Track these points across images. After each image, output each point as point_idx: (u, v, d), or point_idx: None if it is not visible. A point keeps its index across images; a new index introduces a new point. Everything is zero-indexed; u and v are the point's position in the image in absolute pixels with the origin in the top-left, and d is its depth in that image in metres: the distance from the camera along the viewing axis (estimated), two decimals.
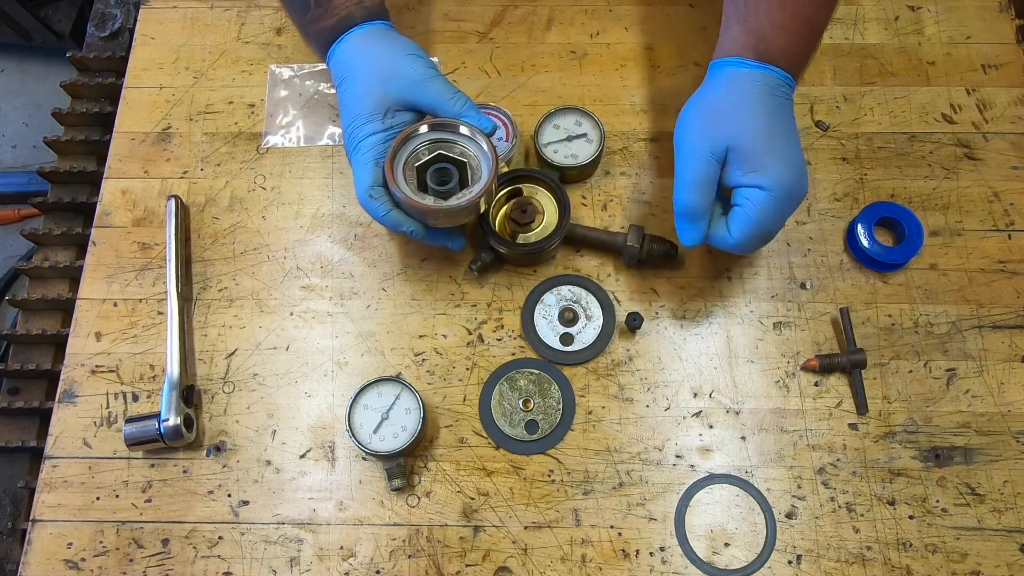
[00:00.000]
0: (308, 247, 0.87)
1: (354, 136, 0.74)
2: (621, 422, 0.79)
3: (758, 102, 0.68)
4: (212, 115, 0.94)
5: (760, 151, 0.67)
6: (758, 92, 0.68)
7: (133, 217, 0.89)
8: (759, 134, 0.68)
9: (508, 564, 0.74)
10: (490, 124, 0.75)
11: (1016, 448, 0.77)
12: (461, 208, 0.72)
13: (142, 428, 0.77)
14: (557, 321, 0.82)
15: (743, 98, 0.69)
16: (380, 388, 0.77)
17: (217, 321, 0.84)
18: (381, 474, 0.77)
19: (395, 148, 0.73)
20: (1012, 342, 0.81)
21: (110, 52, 1.02)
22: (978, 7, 0.96)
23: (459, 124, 0.74)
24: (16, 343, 0.90)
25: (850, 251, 0.85)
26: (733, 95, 0.69)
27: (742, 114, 0.68)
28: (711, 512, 0.76)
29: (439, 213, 0.72)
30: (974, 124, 0.90)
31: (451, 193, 0.74)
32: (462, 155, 0.75)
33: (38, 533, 0.77)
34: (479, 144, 0.74)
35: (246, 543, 0.76)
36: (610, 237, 0.83)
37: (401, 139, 0.73)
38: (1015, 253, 0.85)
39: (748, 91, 0.69)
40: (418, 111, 0.76)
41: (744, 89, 0.69)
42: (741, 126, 0.68)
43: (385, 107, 0.73)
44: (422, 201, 0.72)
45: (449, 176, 0.75)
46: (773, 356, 0.81)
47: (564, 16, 0.98)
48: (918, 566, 0.73)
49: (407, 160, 0.74)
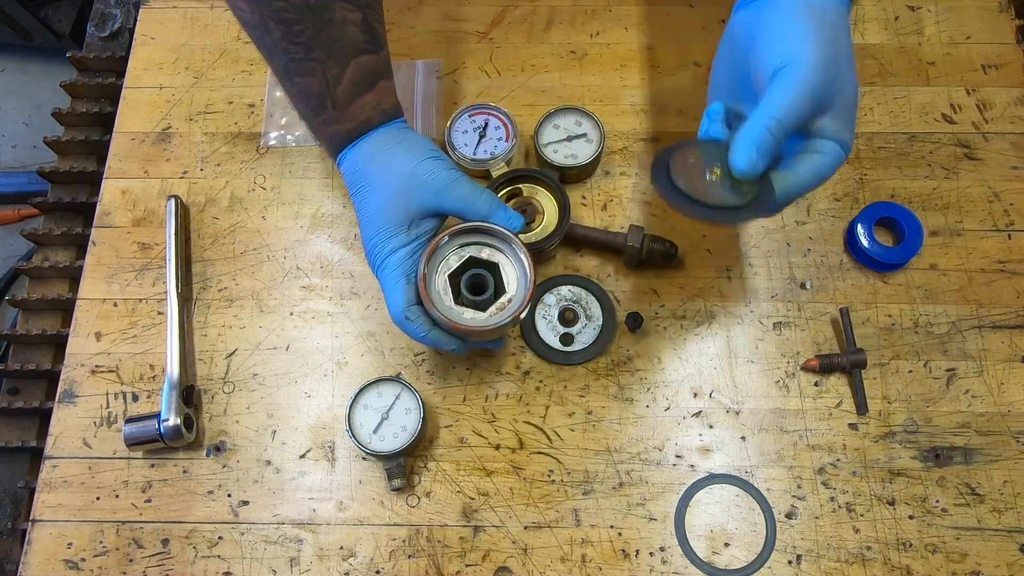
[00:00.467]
0: (308, 247, 0.87)
1: (379, 252, 0.69)
2: (621, 422, 0.79)
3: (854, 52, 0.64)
4: (212, 115, 0.94)
5: (854, 109, 0.64)
6: (851, 36, 0.64)
7: (133, 217, 0.89)
8: (857, 91, 0.64)
9: (508, 564, 0.74)
10: (520, 222, 0.70)
11: (1016, 448, 0.77)
12: (503, 325, 0.68)
13: (142, 428, 0.77)
14: (557, 321, 0.82)
15: (851, 45, 0.64)
16: (380, 388, 0.77)
17: (217, 321, 0.84)
18: (381, 474, 0.77)
19: (426, 264, 0.68)
20: (1012, 342, 0.81)
21: (110, 52, 1.02)
22: (978, 7, 0.96)
23: (487, 226, 0.70)
24: (16, 343, 0.90)
25: (850, 251, 0.85)
26: (847, 39, 0.63)
27: (853, 67, 0.63)
28: (711, 512, 0.76)
29: (482, 333, 0.69)
30: (974, 124, 0.90)
31: (488, 303, 0.69)
32: (492, 256, 0.70)
33: (38, 533, 0.77)
34: (509, 245, 0.70)
35: (246, 543, 0.76)
36: (610, 237, 0.83)
37: (430, 252, 0.68)
38: (1015, 253, 0.85)
39: (850, 36, 0.64)
40: (442, 215, 0.71)
41: (849, 33, 0.64)
42: (853, 80, 0.63)
43: (409, 219, 0.68)
44: (462, 323, 0.68)
45: (484, 284, 0.70)
46: (773, 356, 0.81)
47: (564, 16, 0.98)
48: (918, 566, 0.73)
49: (438, 270, 0.70)
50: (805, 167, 0.63)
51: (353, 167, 0.70)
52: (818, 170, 0.64)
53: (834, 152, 0.63)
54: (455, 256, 0.70)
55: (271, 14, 0.65)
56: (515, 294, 0.69)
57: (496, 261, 0.70)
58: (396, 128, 0.71)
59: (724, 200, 0.61)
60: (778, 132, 0.60)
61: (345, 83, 0.68)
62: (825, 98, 0.61)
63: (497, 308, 0.69)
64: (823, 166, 0.63)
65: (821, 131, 0.63)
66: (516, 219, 0.70)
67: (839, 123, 0.63)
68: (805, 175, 0.63)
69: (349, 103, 0.69)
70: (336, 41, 0.66)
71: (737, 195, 0.61)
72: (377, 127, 0.70)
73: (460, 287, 0.70)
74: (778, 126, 0.59)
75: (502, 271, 0.70)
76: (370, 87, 0.69)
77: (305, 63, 0.67)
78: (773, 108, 0.60)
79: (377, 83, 0.70)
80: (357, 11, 0.67)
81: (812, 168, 0.63)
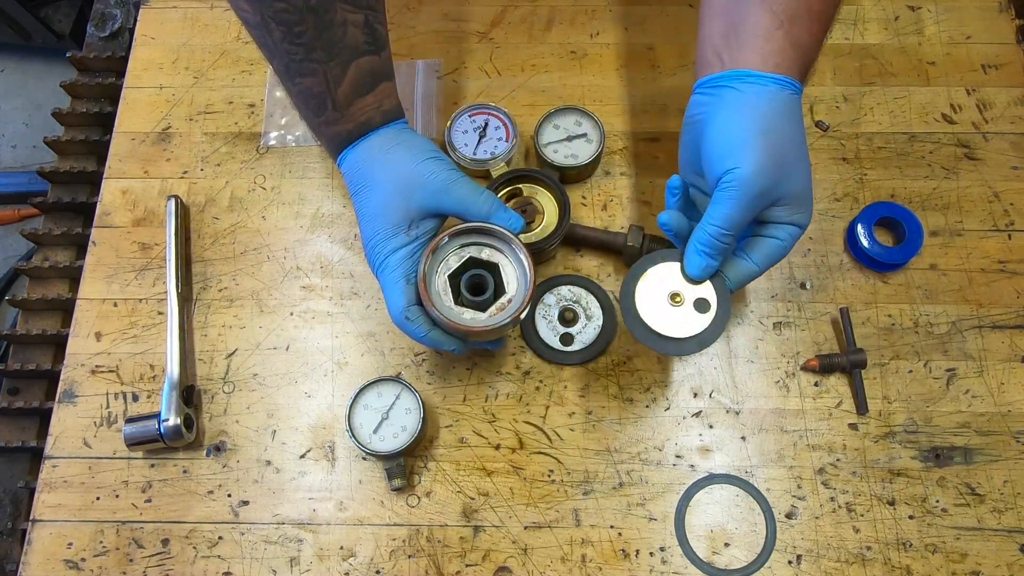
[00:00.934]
0: (308, 247, 0.87)
1: (379, 252, 0.69)
2: (621, 422, 0.79)
3: (805, 138, 0.65)
4: (212, 115, 0.94)
5: (808, 193, 0.65)
6: (802, 123, 0.65)
7: (133, 217, 0.89)
8: (809, 176, 0.65)
9: (508, 564, 0.74)
10: (520, 223, 0.70)
11: (1016, 448, 0.77)
12: (503, 325, 0.68)
13: (142, 428, 0.77)
14: (557, 321, 0.82)
15: (801, 135, 0.65)
16: (380, 388, 0.77)
17: (217, 321, 0.84)
18: (381, 474, 0.77)
19: (426, 265, 0.68)
20: (1012, 342, 0.81)
21: (110, 52, 1.02)
22: (978, 7, 0.96)
23: (487, 227, 0.70)
24: (16, 343, 0.90)
25: (850, 251, 0.85)
26: (794, 132, 0.64)
27: (803, 156, 0.65)
28: (711, 512, 0.76)
29: (481, 333, 0.68)
30: (974, 124, 0.90)
31: (488, 303, 0.70)
32: (492, 256, 0.70)
33: (38, 533, 0.77)
34: (509, 246, 0.70)
35: (246, 543, 0.76)
36: (610, 237, 0.83)
37: (430, 252, 0.68)
38: (1015, 253, 0.85)
39: (800, 124, 0.65)
40: (442, 215, 0.71)
41: (799, 122, 0.65)
42: (802, 171, 0.65)
43: (409, 219, 0.69)
44: (462, 324, 0.68)
45: (484, 284, 0.70)
46: (773, 356, 0.81)
47: (564, 16, 0.98)
48: (918, 566, 0.73)
49: (438, 270, 0.70)
50: (761, 254, 0.67)
51: (353, 167, 0.70)
52: (773, 256, 0.67)
53: (790, 235, 0.66)
54: (455, 256, 0.70)
55: (272, 14, 0.65)
56: (515, 294, 0.69)
57: (496, 261, 0.70)
58: (396, 129, 0.71)
59: (688, 330, 0.65)
60: (723, 239, 0.63)
61: (346, 84, 0.68)
62: (771, 197, 0.63)
63: (497, 308, 0.69)
64: (778, 251, 0.66)
65: (775, 218, 0.66)
66: (516, 220, 0.70)
67: (792, 211, 0.65)
68: (760, 261, 0.67)
69: (350, 104, 0.69)
70: (337, 42, 0.66)
71: (699, 310, 0.66)
72: (378, 128, 0.70)
73: (460, 287, 0.70)
74: (721, 234, 0.63)
75: (502, 271, 0.70)
76: (371, 88, 0.69)
77: (306, 64, 0.67)
78: (716, 218, 0.63)
79: (378, 84, 0.70)
80: (359, 12, 0.67)
81: (767, 254, 0.67)
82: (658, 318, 0.66)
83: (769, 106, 0.63)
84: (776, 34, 0.64)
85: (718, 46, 0.67)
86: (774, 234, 0.66)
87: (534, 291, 0.69)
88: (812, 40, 0.65)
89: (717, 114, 0.65)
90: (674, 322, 0.66)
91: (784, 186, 0.63)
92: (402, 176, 0.69)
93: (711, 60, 0.67)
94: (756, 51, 0.64)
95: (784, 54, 0.64)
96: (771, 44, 0.64)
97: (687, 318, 0.66)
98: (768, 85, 0.63)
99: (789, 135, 0.64)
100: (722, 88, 0.65)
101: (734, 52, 0.66)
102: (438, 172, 0.69)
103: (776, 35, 0.64)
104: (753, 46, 0.64)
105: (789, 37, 0.64)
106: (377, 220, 0.69)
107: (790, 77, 0.64)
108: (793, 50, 0.64)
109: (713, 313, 0.66)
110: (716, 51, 0.67)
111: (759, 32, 0.64)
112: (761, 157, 0.61)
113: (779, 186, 0.63)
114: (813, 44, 0.66)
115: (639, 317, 0.66)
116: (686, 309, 0.66)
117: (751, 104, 0.64)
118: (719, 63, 0.67)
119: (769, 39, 0.64)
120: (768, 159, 0.62)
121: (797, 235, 0.66)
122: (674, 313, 0.66)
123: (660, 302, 0.67)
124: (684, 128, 0.70)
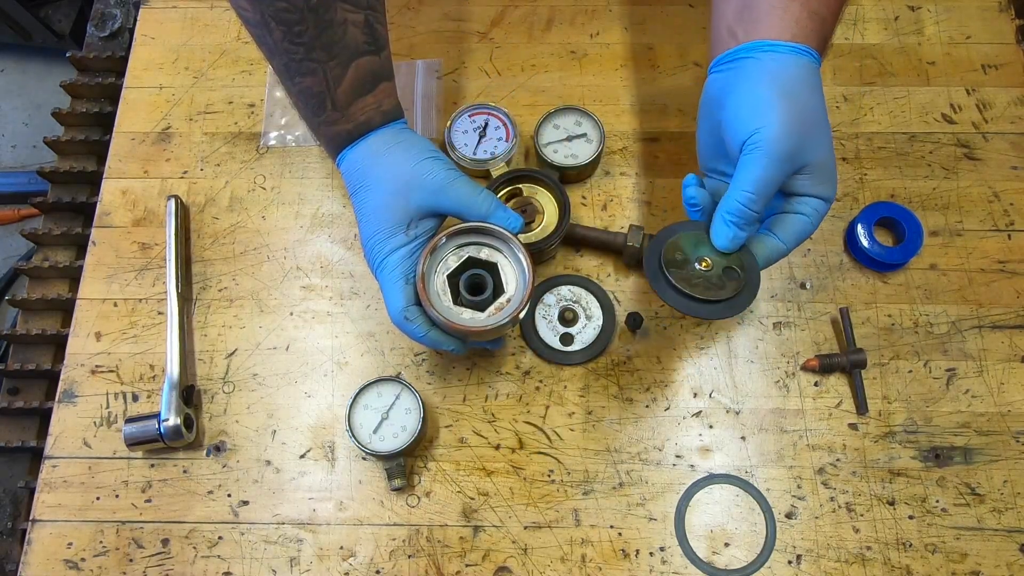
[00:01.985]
0: (308, 247, 0.87)
1: (378, 252, 0.69)
2: (621, 422, 0.79)
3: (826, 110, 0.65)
4: (212, 115, 0.94)
5: (832, 163, 0.65)
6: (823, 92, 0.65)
7: (133, 217, 0.89)
8: (832, 148, 0.65)
9: (508, 564, 0.74)
10: (518, 223, 0.70)
11: (1016, 448, 0.77)
12: (502, 325, 0.68)
13: (142, 428, 0.77)
14: (557, 321, 0.82)
15: (822, 102, 0.65)
16: (380, 388, 0.77)
17: (217, 321, 0.84)
18: (381, 474, 0.77)
19: (424, 264, 0.68)
20: (1012, 342, 0.81)
21: (110, 52, 1.02)
22: (978, 7, 0.96)
23: (485, 226, 0.69)
24: (16, 343, 0.90)
25: (850, 251, 0.85)
26: (816, 98, 0.64)
27: (826, 123, 0.65)
28: (711, 512, 0.76)
29: (481, 333, 0.68)
30: (974, 124, 0.90)
31: (487, 303, 0.69)
32: (491, 256, 0.70)
33: (38, 533, 0.77)
34: (508, 245, 0.70)
35: (246, 543, 0.76)
36: (610, 237, 0.83)
37: (428, 252, 0.68)
38: (1015, 253, 0.85)
39: (821, 92, 0.65)
40: (441, 215, 0.71)
41: (818, 90, 0.64)
42: (826, 138, 0.64)
43: (408, 219, 0.68)
44: (461, 323, 0.68)
45: (483, 284, 0.70)
46: (773, 356, 0.81)
47: (564, 16, 0.98)
48: (918, 566, 0.73)
49: (437, 270, 0.70)
50: (787, 231, 0.66)
51: (352, 167, 0.70)
52: (800, 232, 0.66)
53: (816, 209, 0.65)
54: (454, 256, 0.70)
55: (272, 14, 0.65)
56: (514, 294, 0.69)
57: (495, 261, 0.70)
58: (396, 129, 0.71)
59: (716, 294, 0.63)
60: (752, 205, 0.62)
61: (346, 84, 0.68)
62: (796, 162, 0.63)
63: (496, 308, 0.69)
64: (804, 227, 0.66)
65: (800, 189, 0.65)
66: (515, 219, 0.70)
67: (817, 180, 0.64)
68: (786, 239, 0.66)
69: (349, 104, 0.69)
70: (337, 42, 0.66)
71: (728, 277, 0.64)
72: (377, 128, 0.70)
73: (459, 287, 0.70)
74: (751, 200, 0.62)
75: (501, 271, 0.70)
76: (371, 88, 0.69)
77: (305, 63, 0.67)
78: (744, 183, 0.62)
79: (378, 84, 0.70)
80: (359, 12, 0.67)
81: (794, 231, 0.66)
82: (685, 283, 0.64)
83: (789, 72, 0.63)
84: (792, 5, 0.64)
85: (732, 24, 0.67)
86: (799, 209, 0.65)
87: (533, 291, 0.69)
88: (828, 11, 0.65)
89: (737, 85, 0.65)
90: (701, 287, 0.63)
91: (809, 152, 0.62)
92: (401, 176, 0.68)
93: (726, 38, 0.67)
94: (773, 22, 0.64)
95: (801, 24, 0.64)
96: (788, 14, 0.64)
97: (715, 284, 0.64)
98: (787, 53, 0.63)
99: (811, 103, 0.63)
100: (740, 60, 0.65)
101: (749, 26, 0.65)
102: (437, 172, 0.69)
103: (792, 6, 0.64)
104: (770, 17, 0.65)
105: (806, 8, 0.64)
106: (376, 220, 0.69)
107: (808, 46, 0.63)
108: (811, 20, 0.64)
109: (742, 282, 0.64)
110: (730, 29, 0.67)
111: (776, 3, 0.64)
112: (785, 116, 0.61)
113: (804, 151, 0.62)
114: (829, 15, 0.65)
115: (668, 280, 0.64)
116: (713, 276, 0.65)
117: (771, 71, 0.63)
118: (734, 39, 0.66)
119: (786, 10, 0.64)
120: (793, 119, 0.61)
121: (823, 210, 0.66)
122: (701, 279, 0.64)
123: (687, 267, 0.65)
124: (700, 112, 0.70)
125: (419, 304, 0.69)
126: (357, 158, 0.70)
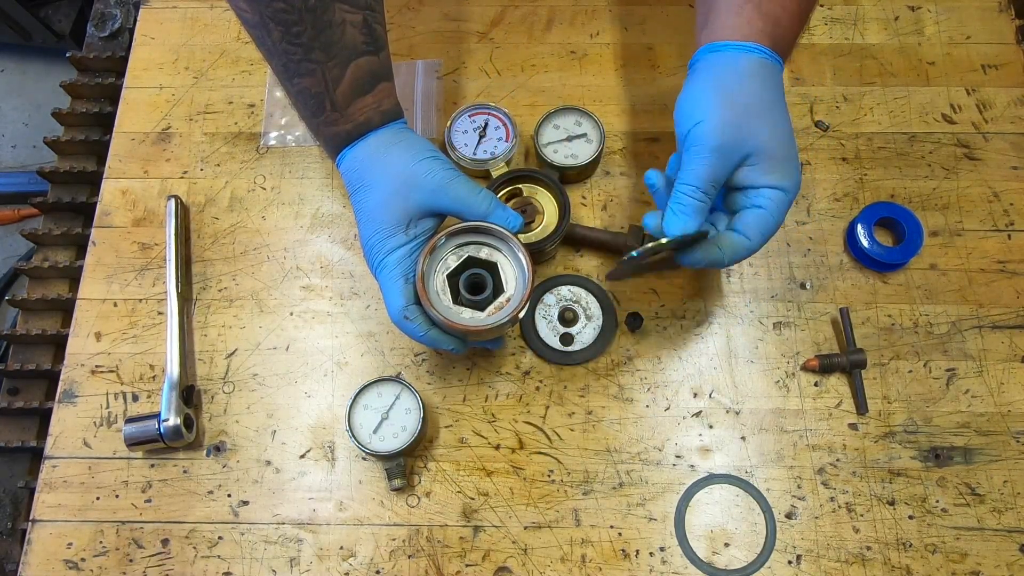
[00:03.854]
0: (308, 247, 0.87)
1: (377, 252, 0.69)
2: (621, 422, 0.79)
3: (782, 99, 0.67)
4: (212, 115, 0.94)
5: (783, 152, 0.66)
6: (778, 86, 0.67)
7: (133, 217, 0.89)
8: (785, 135, 0.66)
9: (508, 564, 0.74)
10: (518, 222, 0.70)
11: (1016, 448, 0.77)
12: (502, 324, 0.68)
13: (142, 428, 0.77)
14: (557, 321, 0.82)
15: (770, 94, 0.66)
16: (380, 388, 0.77)
17: (217, 321, 0.84)
18: (381, 474, 0.77)
19: (424, 264, 0.68)
20: (1012, 342, 0.81)
21: (110, 52, 1.02)
22: (978, 7, 0.96)
23: (485, 226, 0.69)
24: (16, 343, 0.90)
25: (850, 251, 0.85)
26: (759, 90, 0.65)
27: (772, 114, 0.66)
28: (711, 512, 0.76)
29: (480, 332, 0.69)
30: (974, 124, 0.90)
31: (487, 302, 0.69)
32: (491, 255, 0.70)
33: (38, 533, 0.77)
34: (508, 244, 0.70)
35: (246, 543, 0.76)
36: (610, 237, 0.83)
37: (428, 251, 0.68)
38: (1015, 253, 0.85)
39: (771, 85, 0.66)
40: (441, 215, 0.71)
41: (767, 83, 0.66)
42: (770, 128, 0.65)
43: (407, 218, 0.68)
44: (461, 323, 0.68)
45: (483, 284, 0.70)
46: (773, 356, 0.81)
47: (564, 16, 0.98)
48: (918, 566, 0.73)
49: (436, 270, 0.70)
50: (748, 225, 0.67)
51: (352, 167, 0.70)
52: (762, 225, 0.67)
53: (773, 200, 0.66)
54: (453, 256, 0.70)
55: (271, 14, 0.65)
56: (513, 294, 0.69)
57: (495, 261, 0.70)
58: (395, 129, 0.71)
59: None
60: (697, 195, 0.64)
61: (345, 85, 0.68)
62: (736, 153, 0.65)
63: (495, 308, 0.69)
64: (765, 219, 0.67)
65: (751, 181, 0.66)
66: (514, 219, 0.70)
67: (765, 170, 0.66)
68: (751, 234, 0.67)
69: (348, 104, 0.69)
70: (335, 43, 0.66)
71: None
72: (376, 128, 0.70)
73: (459, 287, 0.70)
74: (694, 190, 0.64)
75: (500, 271, 0.70)
76: (370, 89, 0.69)
77: (304, 64, 0.67)
78: (685, 175, 0.65)
79: (377, 85, 0.70)
80: (357, 13, 0.67)
81: (755, 225, 0.67)
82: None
83: (729, 67, 0.66)
84: (745, 8, 0.67)
85: (698, 31, 0.71)
86: (757, 202, 0.67)
87: (532, 290, 0.69)
88: (783, 11, 0.67)
89: (687, 86, 0.68)
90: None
91: (751, 142, 0.65)
92: (400, 176, 0.69)
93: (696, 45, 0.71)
94: (726, 24, 0.68)
95: (752, 25, 0.66)
96: (739, 18, 0.67)
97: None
98: (732, 51, 0.66)
99: (755, 94, 0.65)
100: (694, 64, 0.69)
101: (708, 32, 0.69)
102: (436, 171, 0.69)
103: (745, 9, 0.67)
104: (723, 22, 0.68)
105: (759, 9, 0.66)
106: (375, 220, 0.69)
107: (759, 44, 0.66)
108: (761, 19, 0.66)
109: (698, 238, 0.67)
110: (697, 36, 0.71)
111: (731, 8, 0.68)
112: (719, 110, 0.64)
113: (745, 141, 0.64)
114: (784, 14, 0.67)
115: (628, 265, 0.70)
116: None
117: (714, 69, 0.67)
118: (698, 45, 0.70)
119: (739, 13, 0.67)
120: (727, 111, 0.64)
121: (781, 200, 0.66)
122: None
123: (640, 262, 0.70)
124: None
125: (419, 303, 0.69)
126: (357, 158, 0.70)
